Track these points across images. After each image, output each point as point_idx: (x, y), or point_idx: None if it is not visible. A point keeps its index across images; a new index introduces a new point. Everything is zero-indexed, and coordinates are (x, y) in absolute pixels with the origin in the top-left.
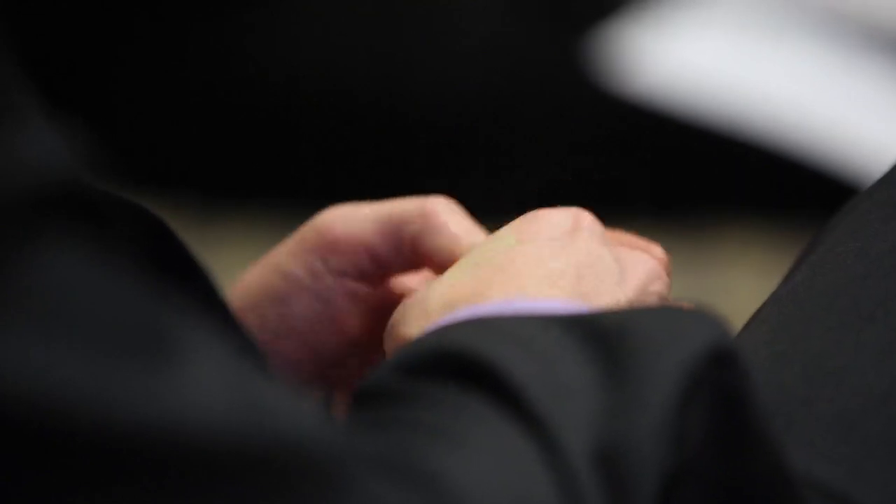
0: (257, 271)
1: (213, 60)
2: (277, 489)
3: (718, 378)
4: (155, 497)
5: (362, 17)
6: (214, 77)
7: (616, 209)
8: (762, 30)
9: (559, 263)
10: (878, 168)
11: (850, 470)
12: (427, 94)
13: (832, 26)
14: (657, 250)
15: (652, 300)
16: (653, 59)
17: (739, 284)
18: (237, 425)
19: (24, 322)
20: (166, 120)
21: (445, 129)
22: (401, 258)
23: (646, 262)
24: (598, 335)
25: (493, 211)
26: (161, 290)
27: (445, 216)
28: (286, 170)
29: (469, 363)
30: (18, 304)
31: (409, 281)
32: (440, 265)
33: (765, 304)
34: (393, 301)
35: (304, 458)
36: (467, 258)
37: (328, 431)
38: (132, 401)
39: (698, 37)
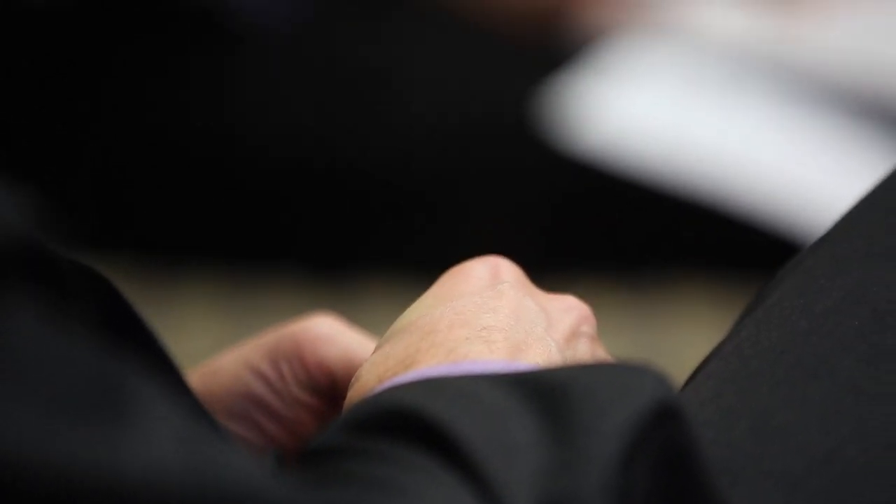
0: (227, 362)
1: (175, 122)
2: None
3: (663, 434)
4: None
5: (322, 81)
6: (175, 139)
7: (564, 266)
8: (708, 86)
9: (487, 319)
10: (823, 224)
11: None
12: (380, 155)
13: (776, 83)
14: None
15: (583, 342)
16: (600, 116)
17: (688, 341)
18: (191, 481)
19: None
20: (126, 180)
21: (399, 189)
22: None
23: (571, 305)
24: (543, 392)
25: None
26: (113, 349)
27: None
28: (245, 231)
29: (416, 421)
30: None
31: None
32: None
33: (709, 359)
34: None
35: None
36: (393, 328)
37: (281, 486)
38: (87, 457)
39: (644, 94)
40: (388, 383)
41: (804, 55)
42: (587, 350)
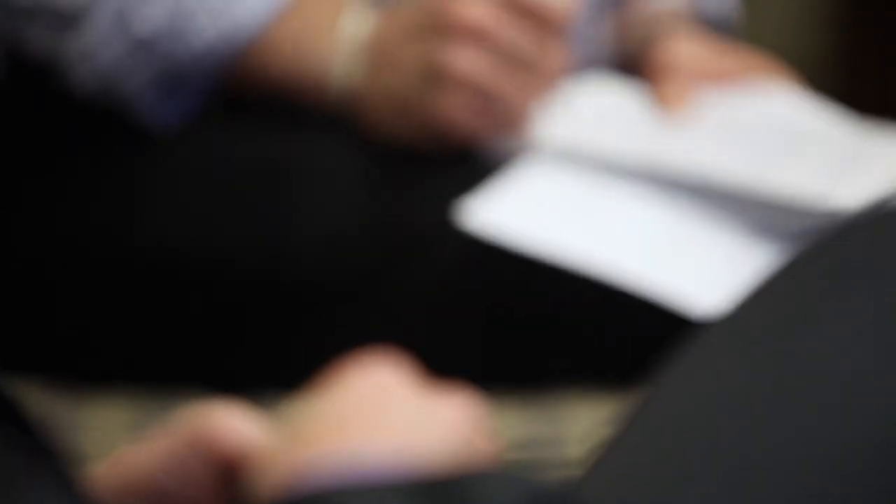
0: (133, 454)
1: (71, 242)
2: None
3: None
4: None
5: (227, 190)
6: (78, 255)
7: (458, 366)
8: (599, 187)
9: (375, 422)
10: (711, 318)
11: None
12: (286, 269)
13: (667, 179)
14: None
15: (471, 440)
16: (508, 229)
17: (580, 432)
18: None
19: None
20: (28, 297)
21: (306, 306)
22: None
23: (454, 405)
24: (438, 499)
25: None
26: (14, 466)
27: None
28: (149, 351)
29: None
30: None
31: None
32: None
33: (603, 452)
34: None
35: None
36: (280, 436)
37: None
38: None
39: (534, 194)
40: (282, 494)
41: (680, 159)
42: (474, 448)
